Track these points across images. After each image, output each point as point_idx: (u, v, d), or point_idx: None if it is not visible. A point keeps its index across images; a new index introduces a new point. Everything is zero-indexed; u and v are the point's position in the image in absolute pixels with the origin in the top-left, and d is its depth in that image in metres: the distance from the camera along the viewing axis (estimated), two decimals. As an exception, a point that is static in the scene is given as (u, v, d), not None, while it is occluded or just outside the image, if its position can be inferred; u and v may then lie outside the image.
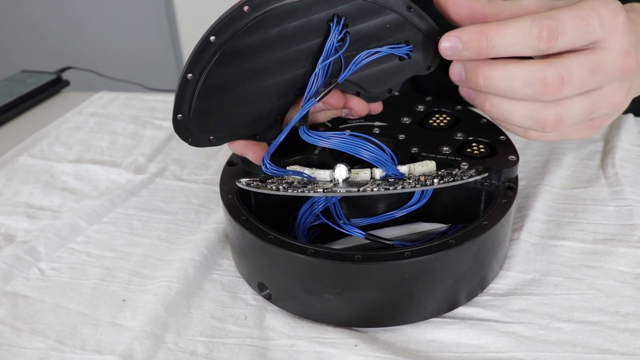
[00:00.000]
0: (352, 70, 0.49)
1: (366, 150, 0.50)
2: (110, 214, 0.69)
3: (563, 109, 0.48)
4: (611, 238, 0.59)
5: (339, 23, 0.48)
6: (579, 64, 0.46)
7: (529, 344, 0.48)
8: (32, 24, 2.96)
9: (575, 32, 0.46)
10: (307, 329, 0.51)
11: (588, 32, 0.46)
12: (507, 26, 0.46)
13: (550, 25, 0.45)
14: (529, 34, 0.45)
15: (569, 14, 0.46)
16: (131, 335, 0.51)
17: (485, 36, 0.46)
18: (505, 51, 0.46)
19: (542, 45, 0.45)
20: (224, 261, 0.60)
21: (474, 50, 0.47)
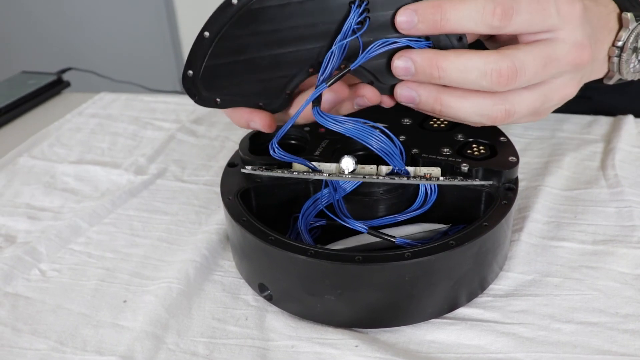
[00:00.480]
0: (366, 57, 0.49)
1: (376, 140, 0.50)
2: (111, 215, 0.69)
3: (512, 104, 0.49)
4: (611, 239, 0.59)
5: (359, 6, 0.47)
6: (533, 56, 0.47)
7: (529, 344, 0.48)
8: (33, 25, 2.96)
9: (530, 14, 0.46)
10: (308, 330, 0.51)
11: (544, 18, 0.47)
12: (462, 1, 0.46)
13: (504, 3, 0.45)
14: (483, 10, 0.45)
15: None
16: (132, 336, 0.51)
17: (440, 10, 0.46)
18: (459, 26, 0.47)
19: (496, 22, 0.46)
20: (224, 262, 0.60)
21: (429, 23, 0.47)
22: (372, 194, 0.54)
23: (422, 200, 0.54)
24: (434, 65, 0.47)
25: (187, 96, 0.51)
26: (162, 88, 1.18)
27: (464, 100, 0.49)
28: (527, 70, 0.47)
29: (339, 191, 0.53)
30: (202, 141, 0.86)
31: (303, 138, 0.60)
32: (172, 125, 0.91)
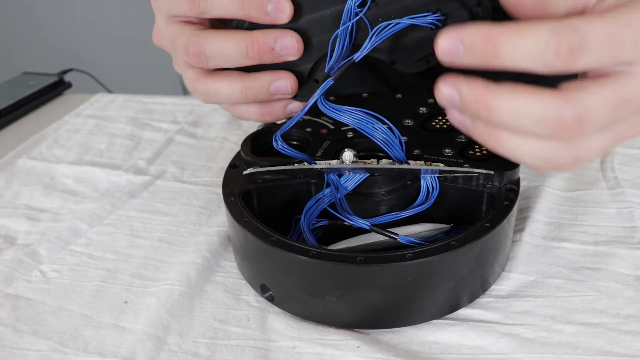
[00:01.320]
0: (370, 47, 0.47)
1: (377, 131, 0.51)
2: (111, 216, 0.69)
3: (580, 150, 0.41)
4: (612, 240, 0.59)
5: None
6: (604, 101, 0.38)
7: (530, 345, 0.48)
8: (35, 26, 2.96)
9: (602, 51, 0.37)
10: (310, 331, 0.51)
11: (618, 53, 0.38)
12: (520, 34, 0.37)
13: (572, 40, 0.36)
14: (545, 48, 0.36)
15: (598, 28, 0.37)
16: (133, 338, 0.51)
17: (492, 42, 0.38)
18: (513, 64, 0.38)
19: (559, 63, 0.37)
20: (226, 263, 0.60)
21: (477, 57, 0.38)
22: (374, 195, 0.54)
23: (424, 196, 0.54)
24: (482, 102, 0.39)
25: (184, 97, 0.52)
26: (164, 91, 1.18)
27: (523, 141, 0.41)
28: (595, 118, 0.38)
29: (340, 190, 0.53)
30: (200, 142, 0.86)
31: (305, 139, 0.60)
32: (170, 126, 0.91)
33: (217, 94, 0.53)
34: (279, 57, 0.51)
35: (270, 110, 0.55)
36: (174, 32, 0.52)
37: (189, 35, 0.51)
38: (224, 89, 0.52)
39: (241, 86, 0.52)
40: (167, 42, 0.54)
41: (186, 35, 0.51)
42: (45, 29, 2.94)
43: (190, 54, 0.50)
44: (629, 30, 0.37)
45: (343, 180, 0.54)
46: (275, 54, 0.50)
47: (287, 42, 0.50)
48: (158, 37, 0.55)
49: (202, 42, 0.50)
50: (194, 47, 0.50)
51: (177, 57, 0.54)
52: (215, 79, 0.53)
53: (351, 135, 0.59)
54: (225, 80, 0.52)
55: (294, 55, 0.51)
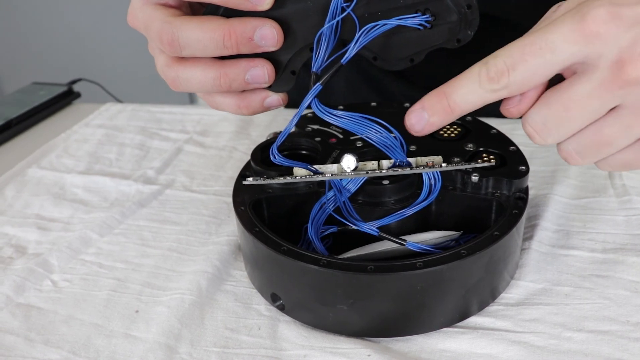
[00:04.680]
0: (357, 48, 0.47)
1: (375, 134, 0.50)
2: (121, 225, 0.69)
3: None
4: (621, 247, 0.59)
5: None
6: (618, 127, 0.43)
7: (540, 353, 0.49)
8: (44, 36, 2.97)
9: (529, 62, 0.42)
10: (320, 340, 0.51)
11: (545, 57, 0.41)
12: (459, 78, 0.44)
13: (495, 63, 0.42)
14: (479, 79, 0.43)
15: (513, 46, 0.42)
16: (145, 347, 0.52)
17: (443, 96, 0.44)
18: (467, 103, 0.44)
19: (495, 85, 0.42)
20: (236, 272, 0.60)
21: (440, 113, 0.45)
22: (383, 204, 0.54)
23: (427, 191, 0.54)
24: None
25: (192, 106, 0.52)
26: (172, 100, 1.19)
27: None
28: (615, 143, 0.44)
29: (343, 193, 0.53)
30: (209, 151, 0.86)
31: (314, 148, 0.61)
32: (179, 136, 0.91)
33: (188, 81, 0.51)
34: (257, 48, 0.49)
35: (248, 103, 0.53)
36: (148, 15, 0.50)
37: (162, 21, 0.49)
38: (195, 76, 0.51)
39: (214, 74, 0.50)
40: (141, 25, 0.52)
41: (160, 22, 0.49)
42: (54, 40, 2.95)
43: (164, 42, 0.49)
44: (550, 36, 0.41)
45: (345, 182, 0.54)
46: (254, 44, 0.48)
47: (266, 33, 0.48)
48: (133, 19, 0.53)
49: (175, 30, 0.48)
50: (167, 36, 0.48)
51: (150, 41, 0.52)
52: (187, 65, 0.51)
53: (360, 144, 0.60)
54: (197, 66, 0.50)
55: (273, 46, 0.49)
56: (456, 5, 0.46)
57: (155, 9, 0.50)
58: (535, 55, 0.41)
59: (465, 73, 0.44)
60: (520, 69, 0.42)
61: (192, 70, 0.51)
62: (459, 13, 0.46)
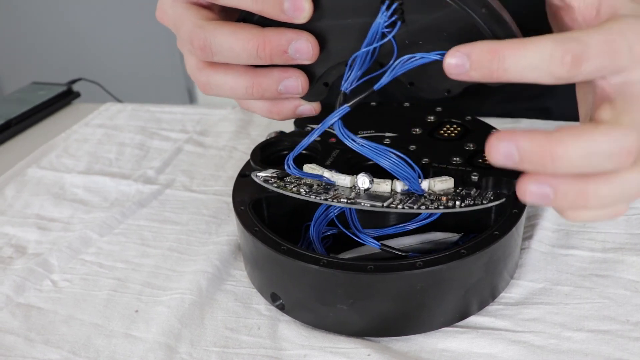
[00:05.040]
0: (390, 78, 0.45)
1: (394, 165, 0.49)
2: (121, 225, 0.70)
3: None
4: (621, 247, 0.59)
5: (389, 7, 0.43)
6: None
7: (540, 353, 0.49)
8: (43, 36, 2.97)
9: (601, 59, 0.39)
10: (320, 339, 0.51)
11: (614, 60, 0.39)
12: (524, 46, 0.38)
13: (575, 49, 0.38)
14: (550, 59, 0.38)
15: (596, 37, 0.38)
16: (145, 347, 0.52)
17: (497, 56, 0.39)
18: (520, 76, 0.39)
19: (565, 72, 0.38)
20: (236, 272, 0.60)
21: (484, 71, 0.39)
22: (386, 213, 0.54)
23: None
24: (547, 154, 0.38)
25: (192, 106, 0.51)
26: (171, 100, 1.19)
27: (613, 185, 0.39)
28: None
29: None
30: (209, 151, 0.86)
31: (314, 148, 0.61)
32: (179, 135, 0.91)
33: (220, 88, 0.49)
34: (291, 60, 0.47)
35: (280, 109, 0.52)
36: (179, 14, 0.48)
37: (194, 24, 0.47)
38: (227, 83, 0.49)
39: (247, 82, 0.48)
40: (171, 23, 0.50)
41: (191, 24, 0.47)
42: (54, 39, 2.95)
43: (196, 47, 0.47)
44: (623, 39, 0.39)
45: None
46: (288, 57, 0.46)
47: (301, 46, 0.46)
48: (162, 15, 0.51)
49: (208, 36, 0.46)
50: (199, 41, 0.46)
51: (180, 40, 0.50)
52: (219, 71, 0.49)
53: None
54: (229, 73, 0.49)
55: (308, 60, 0.47)
56: None
57: (186, 8, 0.48)
58: (618, 53, 0.39)
59: (534, 43, 0.39)
60: (596, 62, 0.39)
61: (225, 76, 0.49)
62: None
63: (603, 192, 0.39)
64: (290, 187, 0.51)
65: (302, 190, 0.51)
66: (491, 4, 0.41)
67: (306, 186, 0.51)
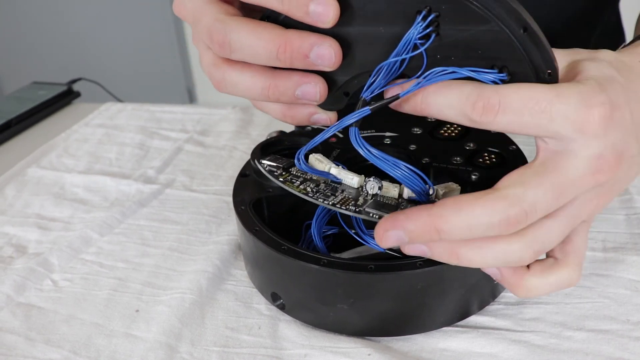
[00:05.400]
0: (417, 88, 0.43)
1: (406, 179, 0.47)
2: (121, 225, 0.70)
3: (541, 243, 0.42)
4: (621, 246, 0.59)
5: (425, 18, 0.41)
6: (543, 190, 0.40)
7: (540, 352, 0.49)
8: (43, 36, 2.97)
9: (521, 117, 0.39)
10: (321, 339, 0.51)
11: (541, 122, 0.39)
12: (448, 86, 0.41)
13: (491, 97, 0.39)
14: (465, 101, 0.40)
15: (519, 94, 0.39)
16: (145, 346, 0.52)
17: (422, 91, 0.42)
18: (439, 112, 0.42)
19: (476, 116, 0.40)
20: (236, 272, 0.60)
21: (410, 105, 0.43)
22: None
23: None
24: (432, 229, 0.40)
25: (192, 106, 0.51)
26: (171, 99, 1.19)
27: (483, 251, 0.42)
28: (539, 208, 0.40)
29: None
30: (209, 151, 0.86)
31: (314, 148, 0.60)
32: (179, 135, 0.91)
33: (235, 86, 0.47)
34: (312, 66, 0.44)
35: (294, 114, 0.50)
36: (199, 7, 0.46)
37: (214, 19, 0.44)
38: (243, 83, 0.46)
39: (264, 83, 0.46)
40: (189, 16, 0.48)
41: (211, 18, 0.45)
42: (54, 39, 2.96)
43: (214, 42, 0.45)
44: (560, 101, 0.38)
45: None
46: (309, 62, 0.44)
47: (324, 52, 0.44)
48: (180, 8, 0.49)
49: (228, 32, 0.44)
50: (218, 36, 0.44)
51: (197, 34, 0.48)
52: (236, 69, 0.46)
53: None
54: (247, 72, 0.46)
55: (330, 67, 0.44)
56: (536, 69, 0.41)
57: (207, 1, 0.46)
58: (533, 114, 0.39)
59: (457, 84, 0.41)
60: (510, 117, 0.39)
61: (241, 75, 0.47)
62: (537, 77, 0.42)
63: (472, 256, 0.42)
64: (296, 184, 0.51)
65: (309, 190, 0.50)
66: (532, 26, 0.40)
67: (312, 183, 0.51)
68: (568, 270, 0.45)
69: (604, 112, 0.39)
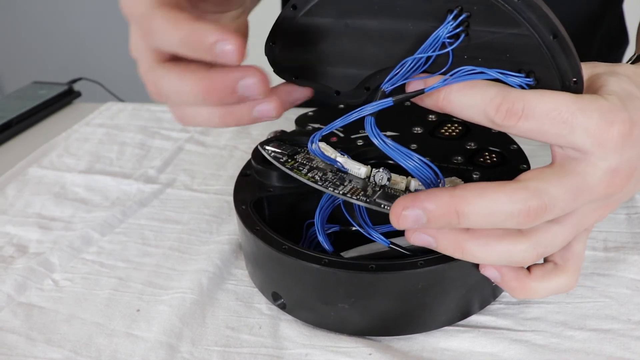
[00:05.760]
0: (443, 85, 0.42)
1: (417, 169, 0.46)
2: (122, 225, 0.69)
3: (544, 247, 0.44)
4: (622, 246, 0.59)
5: (456, 17, 0.41)
6: (564, 189, 0.41)
7: (541, 352, 0.49)
8: (44, 35, 2.97)
9: (544, 125, 0.40)
10: (322, 338, 0.51)
11: (563, 132, 0.40)
12: (472, 86, 0.42)
13: (516, 101, 0.40)
14: (489, 102, 0.41)
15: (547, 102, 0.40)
16: (146, 346, 0.52)
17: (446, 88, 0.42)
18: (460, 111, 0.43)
19: (498, 119, 0.41)
20: (237, 271, 0.60)
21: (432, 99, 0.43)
22: None
23: None
24: (453, 211, 0.41)
25: None
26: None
27: (489, 247, 0.44)
28: (557, 205, 0.41)
29: None
30: (210, 150, 0.86)
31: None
32: (180, 135, 0.91)
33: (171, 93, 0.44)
34: (244, 99, 0.43)
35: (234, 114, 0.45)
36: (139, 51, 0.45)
37: (148, 68, 0.44)
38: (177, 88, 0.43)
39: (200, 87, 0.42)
40: (136, 57, 0.47)
41: (146, 67, 0.45)
42: (54, 39, 2.95)
43: (150, 91, 0.44)
44: (582, 114, 0.39)
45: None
46: (238, 96, 0.42)
47: (249, 83, 0.41)
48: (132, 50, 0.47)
49: (158, 80, 0.43)
50: (150, 85, 0.44)
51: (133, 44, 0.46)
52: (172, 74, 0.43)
53: (361, 143, 0.60)
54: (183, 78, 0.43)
55: (261, 95, 0.42)
56: (563, 76, 0.41)
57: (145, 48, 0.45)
58: (555, 124, 0.40)
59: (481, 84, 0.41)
60: (532, 124, 0.40)
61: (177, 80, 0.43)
62: (562, 85, 0.42)
63: (477, 252, 0.44)
64: (304, 172, 0.50)
65: (317, 178, 0.49)
66: (562, 33, 0.40)
67: (319, 172, 0.50)
68: (567, 276, 0.47)
69: (624, 129, 0.40)
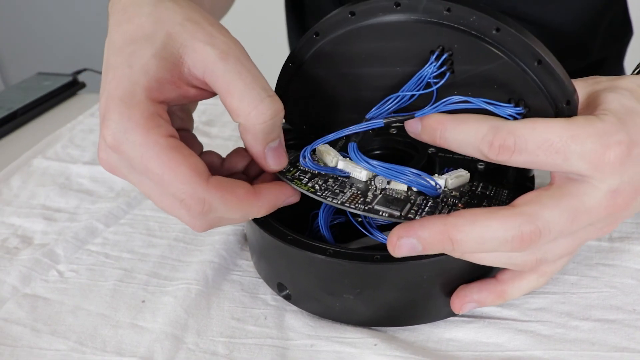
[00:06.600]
0: (432, 112, 0.44)
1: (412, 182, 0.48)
2: (127, 216, 0.70)
3: (545, 254, 0.44)
4: (627, 236, 0.59)
5: (438, 58, 0.43)
6: (559, 212, 0.40)
7: (547, 342, 0.49)
8: (48, 27, 2.96)
9: (537, 157, 0.40)
10: (327, 329, 0.51)
11: (557, 162, 0.40)
12: (465, 122, 0.43)
13: (506, 137, 0.41)
14: (482, 139, 0.41)
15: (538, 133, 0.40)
16: (151, 337, 0.52)
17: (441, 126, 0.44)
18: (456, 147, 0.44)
19: (492, 155, 0.41)
20: (242, 262, 0.60)
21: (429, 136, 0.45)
22: None
23: None
24: (447, 239, 0.41)
25: None
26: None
27: (489, 255, 0.44)
28: (553, 230, 0.40)
29: None
30: (215, 141, 0.86)
31: None
32: (184, 125, 0.91)
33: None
34: None
35: None
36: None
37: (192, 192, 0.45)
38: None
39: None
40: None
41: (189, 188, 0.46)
42: (59, 30, 2.95)
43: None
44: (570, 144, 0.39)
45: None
46: None
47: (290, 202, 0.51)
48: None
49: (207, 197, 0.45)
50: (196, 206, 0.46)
51: None
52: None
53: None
54: None
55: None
56: (554, 101, 0.42)
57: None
58: (548, 155, 0.40)
59: (474, 120, 0.42)
60: (525, 157, 0.41)
61: None
62: (555, 109, 0.42)
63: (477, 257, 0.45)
64: (304, 182, 0.50)
65: (317, 188, 0.49)
66: (545, 58, 0.40)
67: (320, 179, 0.51)
68: (537, 275, 0.48)
69: (620, 151, 0.40)
